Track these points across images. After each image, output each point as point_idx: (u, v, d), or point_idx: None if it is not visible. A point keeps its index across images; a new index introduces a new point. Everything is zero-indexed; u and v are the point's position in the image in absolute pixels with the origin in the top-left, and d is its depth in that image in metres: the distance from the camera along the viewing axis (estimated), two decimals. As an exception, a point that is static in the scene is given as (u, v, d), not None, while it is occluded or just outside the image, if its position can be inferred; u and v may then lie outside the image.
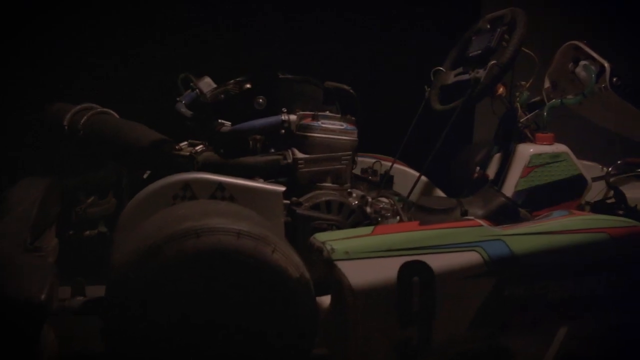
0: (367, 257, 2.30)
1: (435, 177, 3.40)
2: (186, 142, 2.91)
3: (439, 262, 2.33)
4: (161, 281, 2.19)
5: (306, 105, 2.89)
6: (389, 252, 2.32)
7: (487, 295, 2.39)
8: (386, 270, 2.29)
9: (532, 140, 3.14)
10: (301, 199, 2.76)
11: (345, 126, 2.87)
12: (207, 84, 3.09)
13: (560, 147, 3.12)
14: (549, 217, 2.63)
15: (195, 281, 2.21)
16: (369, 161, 3.37)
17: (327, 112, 2.88)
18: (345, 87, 2.98)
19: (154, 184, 2.61)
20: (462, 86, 3.11)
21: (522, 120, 3.16)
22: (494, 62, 2.97)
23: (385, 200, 2.90)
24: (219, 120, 2.88)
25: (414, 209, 2.87)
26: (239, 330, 2.26)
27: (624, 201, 3.26)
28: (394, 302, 2.29)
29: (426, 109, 3.23)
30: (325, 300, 2.46)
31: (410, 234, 2.42)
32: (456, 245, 2.38)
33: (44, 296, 2.09)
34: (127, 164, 3.01)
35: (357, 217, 2.80)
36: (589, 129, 3.57)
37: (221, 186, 2.62)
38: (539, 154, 3.09)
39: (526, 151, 3.09)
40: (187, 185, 2.60)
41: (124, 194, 3.09)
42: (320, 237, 2.37)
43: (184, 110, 3.05)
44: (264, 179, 2.77)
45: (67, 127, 2.91)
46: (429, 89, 3.25)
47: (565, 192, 3.12)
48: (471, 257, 2.37)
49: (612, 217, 2.68)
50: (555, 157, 3.10)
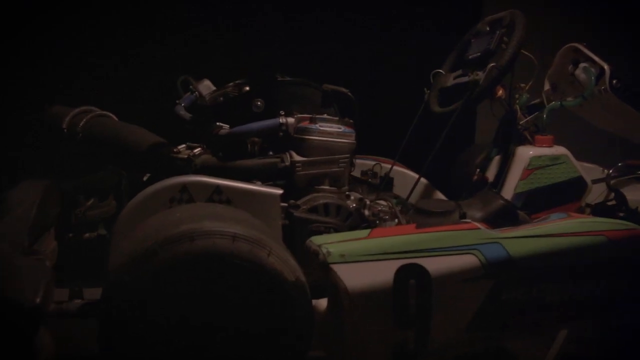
0: (364, 261, 2.29)
1: (435, 179, 3.39)
2: (184, 145, 2.91)
3: (435, 265, 2.33)
4: (157, 284, 2.18)
5: (304, 108, 2.88)
6: (386, 255, 2.31)
7: (484, 298, 2.39)
8: (382, 273, 2.29)
9: (532, 142, 3.13)
10: (299, 202, 2.75)
11: (343, 129, 2.86)
12: (207, 87, 3.09)
13: (559, 150, 3.11)
14: (547, 220, 2.62)
15: (190, 284, 2.20)
16: (369, 163, 3.37)
17: (325, 115, 2.87)
18: (343, 89, 2.98)
19: (151, 187, 2.61)
20: (461, 89, 3.10)
21: (521, 122, 3.14)
22: (492, 64, 2.96)
23: (383, 202, 2.89)
24: (217, 123, 2.88)
25: (412, 211, 2.86)
26: (235, 333, 2.25)
27: (624, 203, 3.24)
28: (391, 306, 2.29)
29: (425, 112, 3.23)
30: (322, 303, 2.46)
31: (406, 237, 2.41)
32: (453, 248, 2.37)
33: (39, 299, 2.10)
34: (126, 166, 3.00)
35: (355, 220, 2.79)
36: (590, 131, 3.56)
37: (218, 189, 2.62)
38: (539, 156, 3.07)
39: (526, 153, 3.08)
40: (184, 188, 2.60)
41: (123, 196, 3.09)
42: (316, 240, 2.36)
43: (183, 113, 3.05)
44: (262, 181, 2.77)
45: (66, 130, 2.91)
46: (429, 92, 3.25)
47: (565, 194, 3.11)
48: (468, 260, 2.36)
49: (610, 219, 2.67)
50: (554, 160, 3.09)
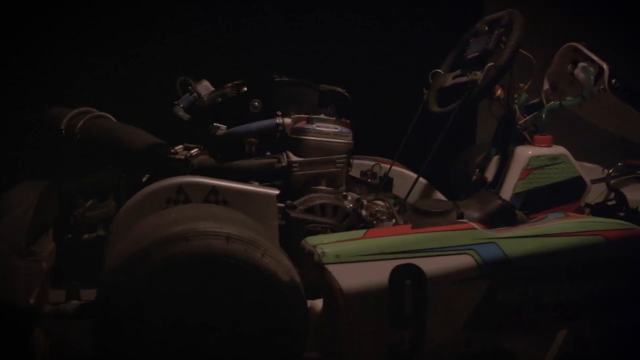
0: (359, 261, 2.29)
1: (435, 179, 3.39)
2: (181, 146, 2.91)
3: (431, 265, 2.33)
4: (151, 285, 2.18)
5: (301, 108, 2.88)
6: (381, 255, 2.31)
7: (480, 298, 2.38)
8: (378, 273, 2.28)
9: (531, 142, 3.12)
10: (296, 202, 2.75)
11: (339, 129, 2.86)
12: (205, 87, 3.10)
13: (558, 149, 3.10)
14: (544, 220, 2.61)
15: (185, 285, 2.20)
16: (369, 164, 3.37)
17: (322, 115, 2.87)
18: (339, 89, 2.98)
19: (148, 188, 2.61)
20: (460, 88, 3.09)
21: (520, 122, 3.14)
22: (491, 64, 2.96)
23: (380, 203, 2.88)
24: (215, 123, 2.88)
25: (410, 211, 2.86)
26: (229, 334, 2.25)
27: (624, 203, 3.23)
28: (386, 306, 2.29)
29: (424, 112, 3.22)
30: (317, 303, 2.45)
31: (402, 237, 2.41)
32: (449, 248, 2.37)
33: (33, 300, 2.11)
34: (123, 167, 3.01)
35: (352, 220, 2.79)
36: (590, 131, 3.54)
37: (215, 190, 2.62)
38: (538, 156, 3.07)
39: (524, 153, 3.07)
40: (180, 188, 2.60)
41: (122, 197, 3.09)
42: (311, 241, 2.36)
43: (181, 113, 3.06)
44: (259, 182, 2.77)
45: (64, 131, 2.92)
46: (427, 92, 3.24)
47: (564, 194, 3.10)
48: (464, 260, 2.36)
49: (608, 219, 2.66)
50: (553, 159, 3.08)
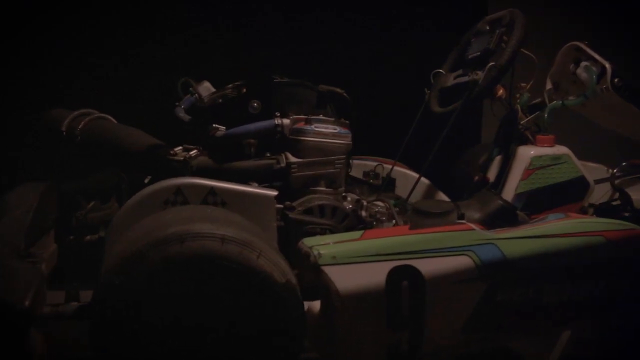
0: (355, 262, 2.28)
1: (439, 180, 3.38)
2: (181, 147, 2.91)
3: (428, 266, 2.32)
4: (146, 286, 2.18)
5: (300, 109, 2.88)
6: (378, 256, 2.30)
7: (479, 299, 2.37)
8: (375, 275, 2.28)
9: (533, 142, 3.10)
10: (294, 203, 2.74)
11: (338, 130, 2.86)
12: (206, 89, 3.08)
13: (561, 149, 3.08)
14: (544, 220, 2.60)
15: (180, 286, 2.20)
16: (371, 164, 3.36)
17: (321, 116, 2.87)
18: (338, 90, 2.97)
19: (146, 189, 2.61)
20: (462, 88, 3.08)
21: (522, 122, 3.12)
22: (492, 63, 2.94)
23: (380, 204, 2.87)
24: (214, 124, 2.87)
25: (410, 212, 2.85)
26: (225, 335, 2.24)
27: (629, 203, 3.20)
28: (383, 307, 2.28)
29: (426, 112, 3.21)
30: (315, 305, 2.45)
31: (399, 238, 2.40)
32: (447, 249, 2.36)
33: (28, 302, 2.11)
34: (124, 168, 3.01)
35: (351, 221, 2.78)
36: (593, 131, 3.52)
37: (213, 191, 2.61)
38: (540, 156, 3.05)
39: (527, 153, 3.05)
40: (178, 190, 2.60)
41: (123, 198, 3.09)
42: (308, 242, 2.35)
43: (182, 115, 3.04)
44: (259, 183, 2.77)
45: (65, 133, 2.92)
46: (429, 92, 3.23)
47: (566, 194, 3.08)
48: (462, 262, 2.35)
49: (609, 220, 2.64)
50: (556, 159, 3.06)
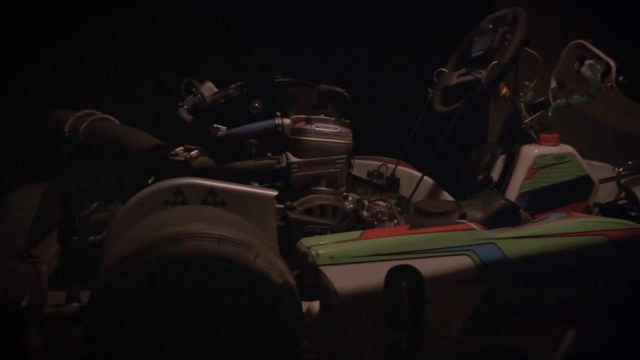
0: (354, 262, 2.27)
1: (444, 179, 3.37)
2: (182, 147, 2.91)
3: (428, 266, 2.30)
4: (143, 287, 2.17)
5: (301, 108, 2.86)
6: (377, 256, 2.29)
7: (479, 299, 2.36)
8: (373, 275, 2.26)
9: (537, 141, 3.09)
10: (295, 203, 2.73)
11: (339, 129, 2.84)
12: (209, 89, 3.08)
13: (565, 148, 3.07)
14: (545, 220, 2.58)
15: (177, 287, 2.19)
16: (375, 164, 3.35)
17: (322, 116, 2.85)
18: (339, 89, 2.96)
19: (145, 190, 2.61)
20: (465, 87, 3.07)
21: (526, 121, 3.11)
22: (494, 62, 2.93)
23: (382, 203, 2.86)
24: (215, 125, 2.87)
25: (412, 212, 2.83)
26: (222, 336, 2.24)
27: (635, 202, 3.19)
28: (382, 308, 2.26)
29: (429, 111, 3.20)
30: (315, 305, 2.44)
31: (398, 238, 2.39)
32: (446, 249, 2.34)
33: (24, 302, 2.11)
34: (125, 169, 3.01)
35: (352, 221, 2.76)
36: (599, 129, 3.50)
37: (212, 191, 2.60)
38: (544, 155, 3.04)
39: (531, 152, 3.05)
40: (178, 190, 2.59)
41: (127, 199, 3.09)
42: (306, 242, 2.34)
43: (185, 115, 3.05)
44: (260, 183, 2.76)
45: (67, 133, 2.93)
46: (432, 91, 3.22)
47: (571, 193, 3.07)
48: (462, 261, 2.33)
49: (611, 219, 2.62)
50: (560, 158, 3.05)
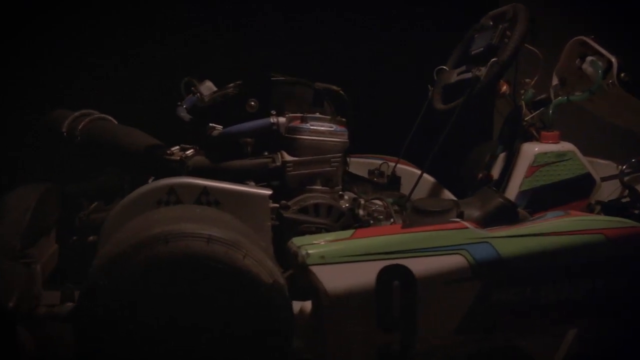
0: (345, 262, 2.26)
1: (446, 177, 3.35)
2: (178, 147, 2.90)
3: (420, 266, 2.28)
4: (131, 287, 2.17)
5: (298, 107, 2.85)
6: (368, 256, 2.27)
7: (473, 299, 2.33)
8: (364, 274, 2.25)
9: (538, 138, 3.06)
10: (290, 202, 2.72)
11: (334, 128, 2.83)
12: (208, 88, 3.08)
13: (566, 146, 3.04)
14: (542, 219, 2.55)
15: (165, 287, 2.18)
16: (376, 162, 3.33)
17: (317, 114, 2.84)
18: (334, 87, 2.94)
19: (138, 190, 2.60)
20: (465, 85, 3.04)
21: (526, 118, 3.08)
22: (494, 59, 2.90)
23: (378, 202, 2.84)
24: (211, 124, 2.86)
25: (409, 210, 2.81)
26: (211, 336, 2.23)
27: (639, 200, 3.14)
28: (374, 308, 2.25)
29: (430, 109, 3.18)
30: (307, 305, 2.43)
31: (390, 237, 2.37)
32: (439, 248, 2.32)
33: (12, 303, 2.12)
34: (123, 168, 3.01)
35: (347, 220, 2.75)
36: (601, 127, 3.47)
37: (206, 190, 2.59)
38: (544, 153, 3.01)
39: (531, 150, 3.02)
40: (171, 190, 2.58)
41: (125, 199, 3.10)
42: (297, 242, 2.33)
43: (183, 114, 3.05)
44: (256, 182, 2.75)
45: (65, 133, 2.93)
46: (432, 88, 3.20)
47: (571, 192, 3.03)
48: (455, 261, 2.31)
49: (609, 217, 2.60)
50: (561, 156, 3.02)
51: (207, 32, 4.06)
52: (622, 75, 3.03)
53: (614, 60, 3.05)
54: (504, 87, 3.04)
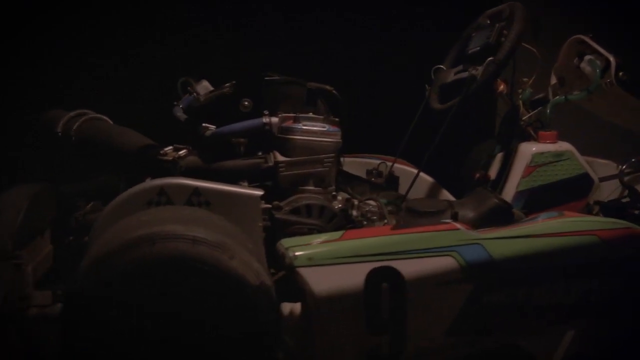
0: (333, 264, 2.24)
1: (445, 177, 3.33)
2: (171, 147, 2.89)
3: (410, 267, 2.26)
4: (117, 288, 2.16)
5: (290, 106, 2.84)
6: (357, 257, 2.26)
7: (464, 301, 2.31)
8: (353, 276, 2.23)
9: (535, 138, 3.04)
10: (282, 203, 2.71)
11: (327, 128, 2.80)
12: (204, 88, 3.08)
13: (563, 146, 3.02)
14: (535, 220, 2.53)
15: (152, 288, 2.18)
16: (374, 162, 3.31)
17: (310, 114, 2.82)
18: (327, 87, 2.93)
19: (129, 190, 2.59)
20: (462, 84, 3.02)
21: (524, 118, 3.06)
22: (490, 58, 2.88)
23: (372, 203, 2.82)
24: (204, 124, 2.85)
25: (402, 211, 2.79)
26: (196, 338, 2.22)
27: (639, 200, 3.11)
28: (362, 310, 2.23)
29: (427, 108, 3.16)
30: (297, 306, 2.41)
31: (379, 238, 2.35)
32: (429, 250, 2.30)
33: None
34: (118, 168, 3.01)
35: (340, 221, 2.73)
36: (599, 126, 3.45)
37: (197, 191, 2.58)
38: (542, 153, 2.99)
39: (528, 150, 3.00)
40: (162, 190, 2.57)
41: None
42: (285, 243, 2.31)
43: (179, 114, 3.04)
44: (249, 182, 2.74)
45: (60, 134, 2.93)
46: (429, 88, 3.18)
47: (569, 192, 3.01)
48: (445, 263, 2.29)
49: (603, 218, 2.59)
50: (558, 156, 2.99)
51: (206, 32, 4.06)
52: (621, 74, 3.01)
53: (612, 59, 3.02)
54: (502, 86, 3.02)
